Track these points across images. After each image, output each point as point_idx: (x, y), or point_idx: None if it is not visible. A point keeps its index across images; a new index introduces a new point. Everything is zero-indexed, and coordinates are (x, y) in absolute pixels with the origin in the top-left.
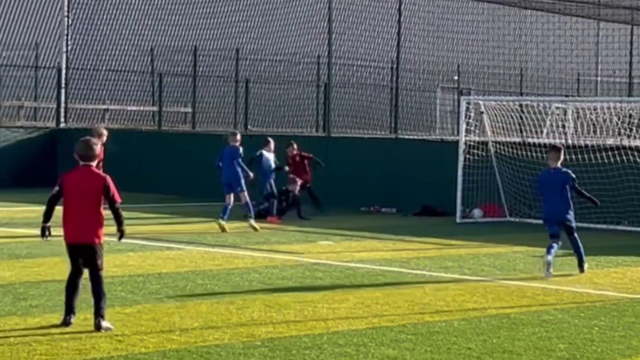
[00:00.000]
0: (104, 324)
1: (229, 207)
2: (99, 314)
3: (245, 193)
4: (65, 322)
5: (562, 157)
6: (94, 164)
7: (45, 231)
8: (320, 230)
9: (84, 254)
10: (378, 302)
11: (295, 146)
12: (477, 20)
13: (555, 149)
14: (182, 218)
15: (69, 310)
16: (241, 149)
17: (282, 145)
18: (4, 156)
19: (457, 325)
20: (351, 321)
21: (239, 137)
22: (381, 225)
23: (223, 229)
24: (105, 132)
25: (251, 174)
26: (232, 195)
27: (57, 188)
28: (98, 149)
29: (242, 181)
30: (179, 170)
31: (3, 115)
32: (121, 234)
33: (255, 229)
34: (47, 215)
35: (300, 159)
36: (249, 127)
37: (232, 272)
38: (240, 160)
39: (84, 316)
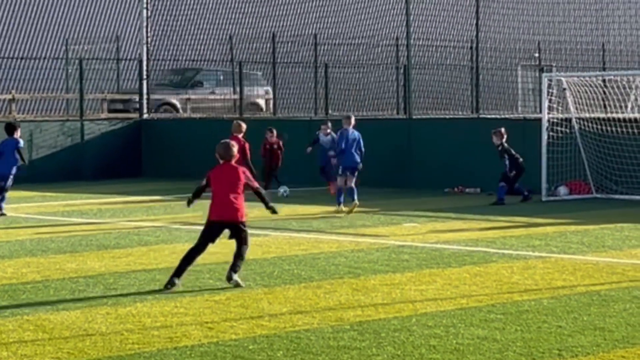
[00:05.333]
0: (235, 277)
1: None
2: (233, 268)
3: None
4: (170, 283)
5: None
6: (233, 161)
7: (190, 201)
8: (405, 213)
9: (230, 229)
10: (466, 282)
11: (274, 132)
12: None
13: None
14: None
15: (177, 273)
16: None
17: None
18: (89, 149)
19: (547, 303)
20: (439, 302)
21: (353, 120)
22: (466, 205)
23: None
24: (244, 126)
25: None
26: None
27: (204, 182)
28: (235, 150)
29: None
30: (257, 158)
31: (87, 108)
32: (271, 210)
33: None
34: (195, 196)
35: (278, 147)
36: (329, 111)
37: (318, 257)
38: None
39: (173, 304)
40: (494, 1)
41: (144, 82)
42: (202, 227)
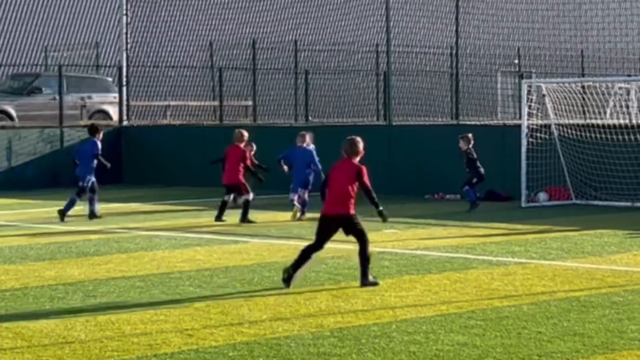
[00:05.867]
0: (370, 279)
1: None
2: (364, 272)
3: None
4: (287, 279)
5: None
6: (357, 158)
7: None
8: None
9: (343, 225)
10: (446, 289)
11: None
12: (536, 2)
13: None
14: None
15: (293, 268)
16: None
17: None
18: (69, 155)
19: (527, 309)
20: (419, 309)
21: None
22: (446, 211)
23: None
24: (246, 134)
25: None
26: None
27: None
28: (361, 147)
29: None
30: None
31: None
32: (380, 215)
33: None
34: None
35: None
36: (309, 118)
37: None
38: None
39: (153, 311)
40: (473, 8)
41: (124, 89)
42: (178, 235)
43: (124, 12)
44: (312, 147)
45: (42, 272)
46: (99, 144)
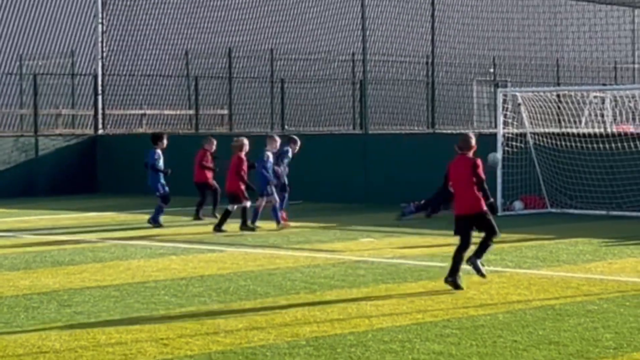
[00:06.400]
0: (477, 262)
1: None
2: (477, 254)
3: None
4: (455, 284)
5: None
6: (470, 152)
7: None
8: (361, 228)
9: (475, 222)
10: (421, 297)
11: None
12: (511, 11)
13: None
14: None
15: (453, 273)
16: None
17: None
18: (44, 164)
19: (502, 318)
20: (395, 317)
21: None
22: (422, 220)
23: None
24: (246, 143)
25: None
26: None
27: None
28: (473, 141)
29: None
30: (219, 173)
31: (41, 124)
32: (490, 209)
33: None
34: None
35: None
36: (286, 126)
37: (274, 273)
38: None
39: (128, 321)
40: (449, 17)
41: (99, 98)
42: (153, 244)
43: (100, 20)
44: (286, 149)
45: (16, 281)
46: (156, 153)
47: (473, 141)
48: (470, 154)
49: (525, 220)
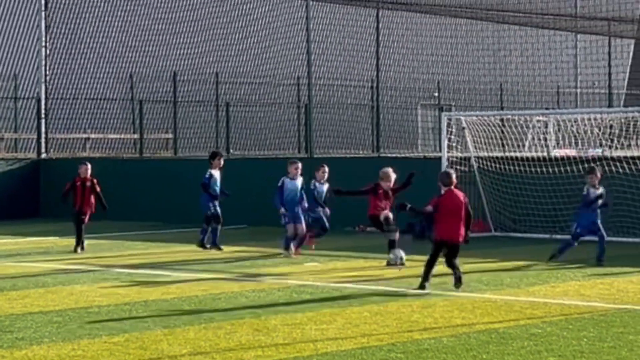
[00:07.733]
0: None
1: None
2: (456, 276)
3: None
4: (422, 287)
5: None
6: (452, 187)
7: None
8: (306, 252)
9: (450, 248)
10: (366, 321)
11: (88, 166)
12: (455, 36)
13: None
14: (166, 244)
15: (425, 279)
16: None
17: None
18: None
19: (446, 341)
20: (340, 342)
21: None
22: (367, 244)
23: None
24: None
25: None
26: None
27: (430, 208)
28: (454, 177)
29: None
30: (162, 197)
31: None
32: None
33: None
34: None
35: (92, 184)
36: (231, 150)
37: (219, 297)
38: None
39: (71, 346)
40: (393, 41)
41: (42, 121)
42: (97, 268)
43: (43, 44)
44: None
45: None
46: (208, 173)
47: (454, 176)
48: (454, 188)
49: (469, 243)
